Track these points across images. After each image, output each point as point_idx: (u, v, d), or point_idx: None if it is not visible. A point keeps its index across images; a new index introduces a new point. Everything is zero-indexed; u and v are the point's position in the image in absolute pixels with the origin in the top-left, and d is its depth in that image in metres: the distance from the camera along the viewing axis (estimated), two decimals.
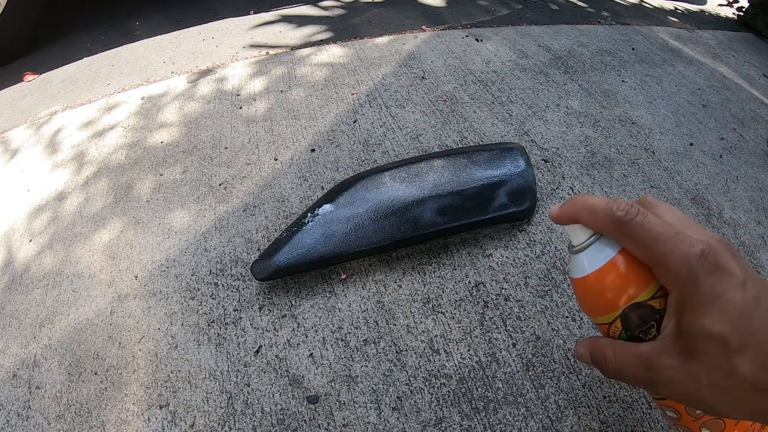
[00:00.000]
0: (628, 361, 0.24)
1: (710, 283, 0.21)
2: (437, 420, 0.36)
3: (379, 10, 1.13)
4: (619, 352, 0.24)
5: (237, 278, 0.47)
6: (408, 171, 0.48)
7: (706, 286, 0.21)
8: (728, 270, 0.21)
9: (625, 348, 0.24)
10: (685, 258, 0.21)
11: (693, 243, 0.22)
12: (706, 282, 0.21)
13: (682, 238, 0.22)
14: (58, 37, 1.20)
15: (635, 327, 0.24)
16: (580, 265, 0.26)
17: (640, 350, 0.23)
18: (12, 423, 0.39)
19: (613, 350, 0.25)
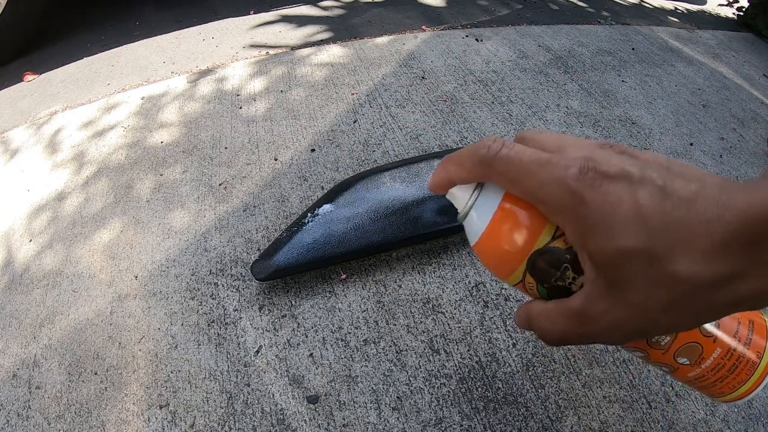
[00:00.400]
0: (565, 321, 0.21)
1: (600, 199, 0.18)
2: (437, 420, 0.36)
3: (379, 10, 1.14)
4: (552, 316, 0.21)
5: (237, 278, 0.47)
6: (408, 171, 0.48)
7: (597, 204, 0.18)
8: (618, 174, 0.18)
9: (557, 309, 0.21)
10: (563, 182, 0.18)
11: (568, 163, 0.19)
12: (596, 199, 0.18)
13: (555, 161, 0.19)
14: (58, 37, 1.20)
15: (547, 276, 0.22)
16: (472, 230, 0.23)
17: (569, 306, 0.20)
18: (12, 423, 0.39)
19: (546, 316, 0.22)
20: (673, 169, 0.18)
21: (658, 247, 0.17)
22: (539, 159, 0.19)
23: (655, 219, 0.17)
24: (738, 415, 0.37)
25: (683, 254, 0.17)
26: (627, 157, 0.19)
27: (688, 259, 0.17)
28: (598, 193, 0.18)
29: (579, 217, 0.19)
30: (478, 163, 0.21)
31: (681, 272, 0.17)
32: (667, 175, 0.18)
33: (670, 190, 0.17)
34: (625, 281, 0.18)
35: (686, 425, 0.36)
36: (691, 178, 0.18)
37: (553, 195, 0.19)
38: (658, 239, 0.17)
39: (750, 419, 0.37)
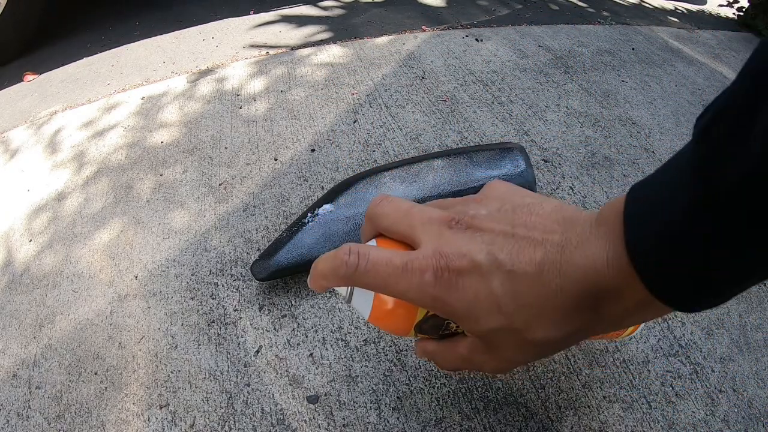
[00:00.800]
0: (453, 361, 0.25)
1: (459, 296, 0.21)
2: (437, 420, 0.36)
3: (379, 10, 1.14)
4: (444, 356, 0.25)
5: (237, 278, 0.47)
6: (408, 171, 0.48)
7: (458, 302, 0.21)
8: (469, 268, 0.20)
9: (447, 351, 0.25)
10: (423, 290, 0.21)
11: (423, 268, 0.21)
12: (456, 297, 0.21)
13: (410, 268, 0.21)
14: (58, 37, 1.20)
15: (434, 332, 0.25)
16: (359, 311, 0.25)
17: (458, 352, 0.24)
18: (12, 423, 0.39)
19: (440, 355, 0.25)
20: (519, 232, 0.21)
21: (516, 324, 0.21)
22: (395, 270, 0.21)
23: (509, 305, 0.20)
24: (738, 415, 0.37)
25: (537, 326, 0.20)
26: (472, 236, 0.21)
27: (541, 329, 0.20)
28: (456, 291, 0.21)
29: (446, 312, 0.22)
30: (341, 278, 0.23)
31: (538, 338, 0.21)
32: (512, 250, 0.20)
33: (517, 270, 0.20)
34: (497, 346, 0.22)
35: (686, 425, 0.36)
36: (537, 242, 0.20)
37: (418, 300, 0.22)
38: (514, 319, 0.20)
39: (750, 419, 0.37)
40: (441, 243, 0.21)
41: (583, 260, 0.19)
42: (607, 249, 0.19)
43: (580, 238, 0.20)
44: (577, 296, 0.19)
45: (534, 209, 0.22)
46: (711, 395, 0.38)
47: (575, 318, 0.20)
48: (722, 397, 0.38)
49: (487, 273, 0.20)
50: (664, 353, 0.40)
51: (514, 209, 0.22)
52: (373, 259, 0.22)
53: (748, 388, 0.39)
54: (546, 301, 0.20)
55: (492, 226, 0.21)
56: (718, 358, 0.40)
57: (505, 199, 0.23)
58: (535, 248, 0.20)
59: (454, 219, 0.22)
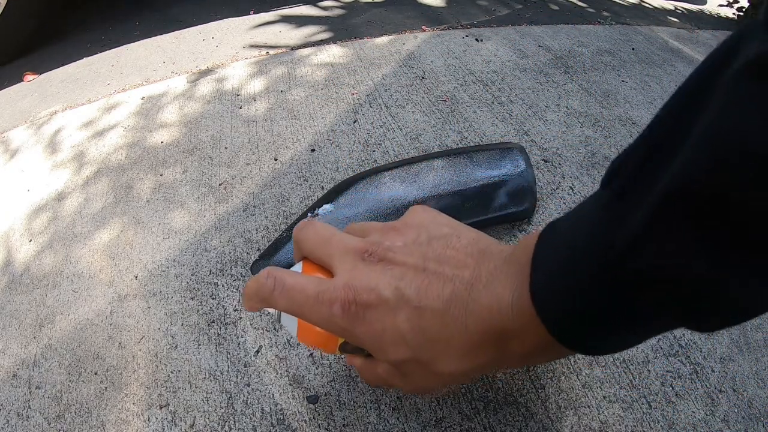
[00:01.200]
0: (374, 379, 0.26)
1: (366, 329, 0.21)
2: (437, 420, 0.36)
3: (379, 10, 1.14)
4: (366, 372, 0.26)
5: (237, 278, 0.47)
6: (408, 171, 0.48)
7: (365, 333, 0.22)
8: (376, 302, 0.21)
9: (368, 368, 0.26)
10: (331, 320, 0.22)
11: (332, 300, 0.22)
12: (362, 330, 0.21)
13: (321, 299, 0.22)
14: (58, 37, 1.20)
15: (358, 352, 0.26)
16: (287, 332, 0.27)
17: (377, 372, 0.25)
18: (12, 423, 0.39)
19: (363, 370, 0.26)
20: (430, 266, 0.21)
21: (422, 357, 0.21)
22: (308, 299, 0.22)
23: (415, 339, 0.21)
24: (738, 415, 0.37)
25: (442, 359, 0.21)
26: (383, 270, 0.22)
27: (446, 362, 0.21)
28: (363, 324, 0.21)
29: (355, 342, 0.23)
30: (262, 300, 0.24)
31: (443, 370, 0.21)
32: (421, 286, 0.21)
33: (424, 307, 0.20)
34: (407, 373, 0.23)
35: (686, 425, 0.36)
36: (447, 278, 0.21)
37: (329, 328, 0.23)
38: (420, 352, 0.21)
39: (750, 419, 0.37)
40: (353, 275, 0.22)
41: (488, 300, 0.20)
42: (513, 290, 0.19)
43: (490, 276, 0.20)
44: (481, 334, 0.20)
45: (450, 242, 0.22)
46: (711, 395, 0.38)
47: (480, 354, 0.21)
48: (722, 397, 0.38)
49: (394, 308, 0.21)
50: (664, 353, 0.40)
51: (430, 241, 0.23)
52: (289, 284, 0.23)
53: (748, 388, 0.39)
54: (451, 337, 0.20)
55: (404, 259, 0.22)
56: (718, 358, 0.40)
57: (422, 229, 0.24)
58: (444, 284, 0.21)
59: (368, 251, 0.23)
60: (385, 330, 0.21)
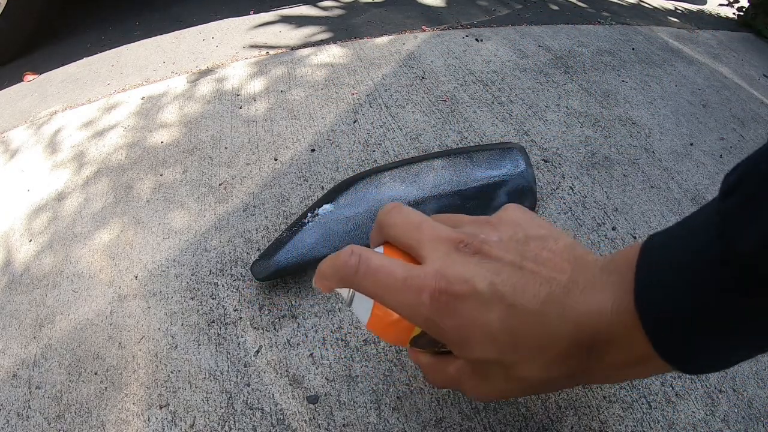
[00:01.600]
0: (442, 379, 0.25)
1: (452, 324, 0.20)
2: (437, 420, 0.36)
3: (379, 11, 1.14)
4: (434, 371, 0.25)
5: (237, 278, 0.47)
6: (408, 171, 0.48)
7: (452, 328, 0.20)
8: (468, 295, 0.20)
9: (437, 367, 0.25)
10: (417, 309, 0.20)
11: (420, 287, 0.20)
12: (450, 323, 0.20)
13: (409, 284, 0.20)
14: (58, 37, 1.20)
15: (430, 348, 0.25)
16: (357, 316, 0.25)
17: (448, 372, 0.24)
18: (12, 423, 0.39)
19: (430, 369, 0.26)
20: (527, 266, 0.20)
21: (507, 359, 0.20)
22: (395, 282, 0.21)
23: (504, 339, 0.20)
24: (738, 415, 0.37)
25: (529, 364, 0.20)
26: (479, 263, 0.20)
27: (532, 367, 0.20)
28: (451, 316, 0.20)
29: (437, 335, 0.21)
30: (341, 280, 0.23)
31: (527, 375, 0.20)
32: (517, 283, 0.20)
33: (518, 306, 0.19)
34: (485, 375, 0.22)
35: (686, 425, 0.36)
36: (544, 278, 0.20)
37: (410, 317, 0.21)
38: (506, 353, 0.20)
39: (750, 419, 0.37)
40: (445, 264, 0.21)
41: (587, 306, 0.19)
42: (613, 298, 0.18)
43: (588, 283, 0.19)
44: (574, 341, 0.19)
45: (547, 244, 0.21)
46: (711, 395, 0.38)
47: (569, 362, 0.20)
48: (722, 397, 0.38)
49: (486, 303, 0.20)
50: None
51: (527, 240, 0.22)
52: (374, 265, 0.21)
53: (748, 388, 0.39)
54: (542, 341, 0.19)
55: (501, 254, 0.21)
56: None
57: (519, 227, 0.23)
58: (541, 285, 0.20)
59: (463, 241, 0.21)
60: (475, 325, 0.20)
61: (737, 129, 0.71)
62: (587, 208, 0.53)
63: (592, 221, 0.52)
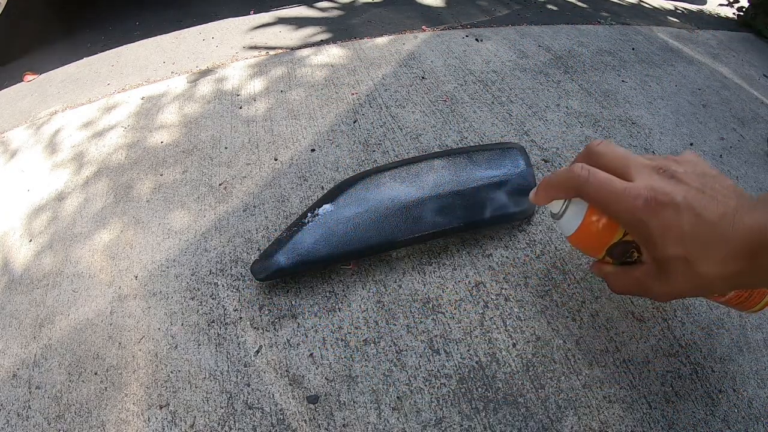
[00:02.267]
0: (628, 283, 0.31)
1: (657, 224, 0.26)
2: (437, 420, 0.36)
3: (379, 11, 1.14)
4: (619, 278, 0.31)
5: (237, 278, 0.47)
6: (408, 171, 0.48)
7: (656, 227, 0.26)
8: (669, 204, 0.26)
9: (622, 274, 0.31)
10: (634, 212, 0.27)
11: (636, 195, 0.27)
12: (654, 224, 0.26)
13: (628, 192, 0.27)
14: (58, 37, 1.20)
15: (620, 258, 0.31)
16: (564, 228, 0.32)
17: (634, 275, 0.30)
18: (12, 423, 0.39)
19: (615, 276, 0.32)
20: (707, 191, 0.26)
21: (692, 256, 0.26)
22: (615, 189, 0.27)
23: (691, 239, 0.26)
24: (738, 415, 0.37)
25: (706, 261, 0.26)
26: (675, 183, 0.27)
27: (709, 264, 0.26)
28: (656, 218, 0.26)
29: (644, 233, 0.27)
30: (572, 188, 0.29)
31: (703, 271, 0.26)
32: (702, 201, 0.26)
33: (703, 215, 0.25)
34: (669, 273, 0.27)
35: (686, 425, 0.36)
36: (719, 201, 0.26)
37: (626, 219, 0.27)
38: (691, 251, 0.26)
39: (750, 419, 0.37)
40: (652, 181, 0.27)
41: (751, 221, 0.25)
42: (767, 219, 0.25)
43: (750, 207, 0.26)
44: (741, 245, 0.25)
45: (718, 180, 0.28)
46: (711, 395, 0.38)
47: (737, 261, 0.25)
48: (722, 397, 0.38)
49: (681, 211, 0.26)
50: (664, 353, 0.40)
51: (704, 175, 0.28)
52: (601, 176, 0.28)
53: (748, 388, 0.39)
54: (718, 243, 0.25)
55: (689, 180, 0.27)
56: (718, 358, 0.40)
57: (697, 166, 0.29)
58: (718, 205, 0.26)
59: (662, 168, 0.28)
60: (671, 227, 0.26)
61: (737, 129, 0.71)
62: None
63: None
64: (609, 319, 0.43)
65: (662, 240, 0.26)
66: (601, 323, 0.42)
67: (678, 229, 0.26)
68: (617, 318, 0.43)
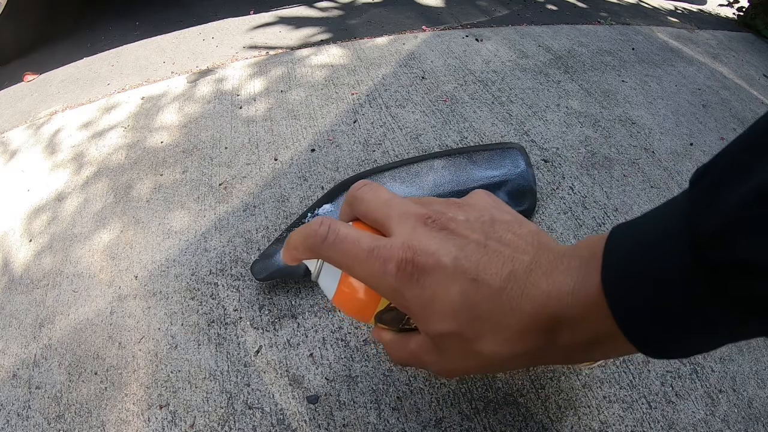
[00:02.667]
0: (404, 355, 0.25)
1: (418, 293, 0.21)
2: (437, 420, 0.36)
3: (379, 11, 1.14)
4: (396, 347, 0.26)
5: (237, 278, 0.47)
6: (408, 171, 0.48)
7: (415, 299, 0.21)
8: (433, 267, 0.20)
9: (399, 344, 0.26)
10: (383, 279, 0.21)
11: (388, 257, 0.21)
12: (414, 294, 0.21)
13: (376, 254, 0.21)
14: (58, 37, 1.20)
15: (394, 325, 0.26)
16: (324, 290, 0.26)
17: (409, 348, 0.25)
18: (12, 423, 0.39)
19: (392, 345, 0.26)
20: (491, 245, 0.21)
21: (467, 333, 0.20)
22: (362, 251, 0.21)
23: (464, 313, 0.20)
24: (738, 415, 0.37)
25: (488, 339, 0.20)
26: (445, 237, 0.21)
27: (491, 343, 0.20)
28: (415, 287, 0.20)
29: (402, 306, 0.22)
30: (309, 249, 0.23)
31: (486, 351, 0.21)
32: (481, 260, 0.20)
33: (481, 281, 0.20)
34: (445, 349, 0.22)
35: (686, 425, 0.36)
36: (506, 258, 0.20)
37: (376, 287, 0.22)
38: (466, 327, 0.20)
39: (750, 419, 0.37)
40: (412, 237, 0.21)
41: (548, 286, 0.19)
42: (575, 280, 0.19)
43: (550, 265, 0.20)
44: (534, 318, 0.19)
45: (512, 227, 0.22)
46: (711, 395, 0.38)
47: (528, 339, 0.20)
48: (722, 397, 0.38)
49: (450, 276, 0.20)
50: None
51: (493, 222, 0.22)
52: (342, 234, 0.22)
53: (748, 388, 0.39)
54: (502, 317, 0.20)
55: (467, 233, 0.21)
56: (718, 358, 0.40)
57: (485, 211, 0.23)
58: (504, 263, 0.20)
59: (431, 217, 0.22)
60: (437, 298, 0.20)
61: (737, 129, 0.71)
62: (587, 208, 0.53)
63: (592, 221, 0.52)
64: None
65: (423, 314, 0.21)
66: None
67: (445, 299, 0.20)
68: None
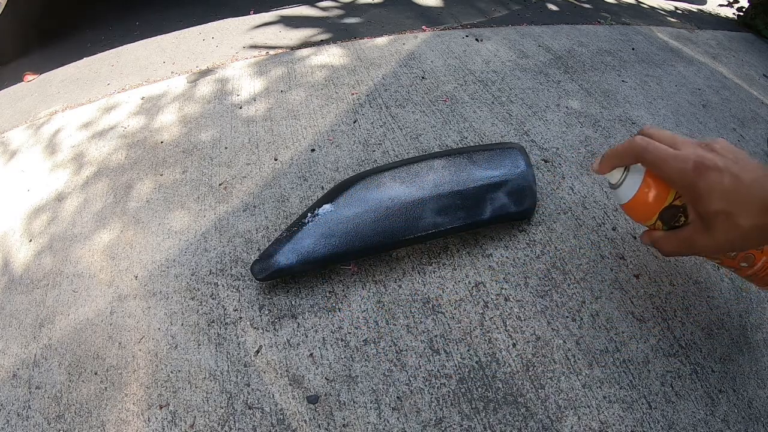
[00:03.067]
0: (676, 244, 0.35)
1: (703, 183, 0.31)
2: (437, 420, 0.36)
3: (379, 11, 1.14)
4: (669, 239, 0.36)
5: (237, 278, 0.47)
6: (408, 171, 0.48)
7: (702, 187, 0.31)
8: (713, 167, 0.31)
9: (671, 236, 0.35)
10: (683, 173, 0.32)
11: (686, 159, 0.32)
12: (700, 184, 0.31)
13: (680, 157, 0.32)
14: (58, 37, 1.20)
15: (669, 221, 0.35)
16: (621, 195, 0.36)
17: (681, 235, 0.35)
18: (12, 423, 0.39)
19: (665, 239, 0.36)
20: (740, 162, 0.32)
21: (732, 209, 0.31)
22: (670, 155, 0.33)
23: (731, 195, 0.31)
24: (738, 415, 0.37)
25: (744, 214, 0.31)
26: (715, 154, 0.32)
27: (746, 216, 0.31)
28: (703, 179, 0.31)
29: (693, 193, 0.32)
30: (633, 156, 0.35)
31: (742, 223, 0.31)
32: (737, 167, 0.31)
33: (740, 177, 0.31)
34: (714, 226, 0.32)
35: (686, 425, 0.36)
36: (750, 169, 0.31)
37: (678, 180, 0.33)
38: (732, 206, 0.31)
39: (750, 419, 0.37)
40: (697, 151, 0.33)
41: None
42: None
43: None
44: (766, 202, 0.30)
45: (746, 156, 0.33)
46: (711, 395, 0.38)
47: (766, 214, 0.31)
48: (722, 397, 0.38)
49: (723, 173, 0.31)
50: (664, 353, 0.40)
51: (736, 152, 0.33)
52: (657, 145, 0.34)
53: (748, 388, 0.39)
54: (753, 200, 0.30)
55: (726, 153, 0.32)
56: (718, 358, 0.40)
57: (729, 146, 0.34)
58: (749, 171, 0.31)
59: (703, 143, 0.33)
60: (715, 186, 0.31)
61: (737, 129, 0.71)
62: (587, 208, 0.53)
63: (592, 221, 0.52)
64: (609, 319, 0.43)
65: (708, 197, 0.31)
66: (601, 323, 0.42)
67: (721, 187, 0.31)
68: (617, 318, 0.43)
